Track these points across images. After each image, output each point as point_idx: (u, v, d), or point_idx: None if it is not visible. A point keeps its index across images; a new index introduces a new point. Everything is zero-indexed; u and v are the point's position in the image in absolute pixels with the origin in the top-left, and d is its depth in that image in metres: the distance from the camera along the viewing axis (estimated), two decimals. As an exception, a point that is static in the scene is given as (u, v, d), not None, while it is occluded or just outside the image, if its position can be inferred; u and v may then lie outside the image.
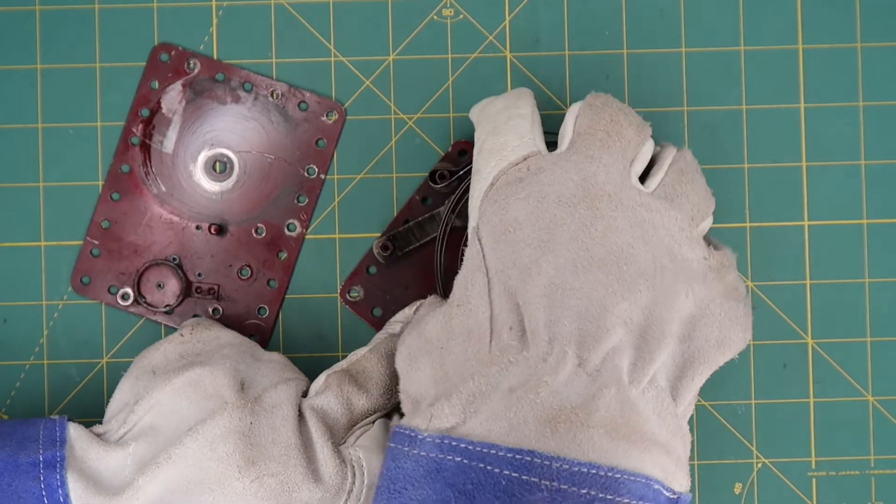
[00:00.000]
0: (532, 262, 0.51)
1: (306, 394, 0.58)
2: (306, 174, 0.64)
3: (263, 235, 0.64)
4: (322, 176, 0.65)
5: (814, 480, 0.64)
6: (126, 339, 0.64)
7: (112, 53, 0.65)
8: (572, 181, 0.53)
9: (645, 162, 0.55)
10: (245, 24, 0.65)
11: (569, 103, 0.65)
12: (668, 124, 0.65)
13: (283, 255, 0.64)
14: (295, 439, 0.55)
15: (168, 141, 0.64)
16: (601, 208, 0.52)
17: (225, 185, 0.64)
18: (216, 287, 0.64)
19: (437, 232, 0.62)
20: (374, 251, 0.63)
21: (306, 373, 0.60)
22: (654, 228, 0.53)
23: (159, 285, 0.64)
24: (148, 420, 0.56)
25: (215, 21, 0.65)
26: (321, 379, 0.58)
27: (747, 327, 0.54)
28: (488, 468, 0.49)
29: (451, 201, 0.61)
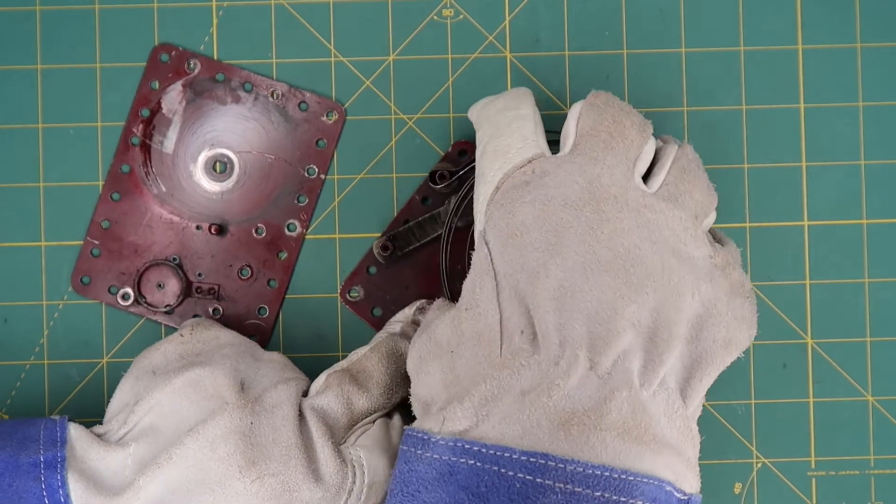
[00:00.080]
0: (540, 266, 0.51)
1: (306, 393, 0.58)
2: (306, 174, 0.64)
3: (264, 235, 0.64)
4: (322, 176, 0.65)
5: (813, 480, 0.64)
6: (126, 339, 0.64)
7: (112, 54, 0.65)
8: (577, 184, 0.53)
9: (648, 162, 0.55)
10: (245, 25, 0.65)
11: (569, 103, 0.65)
12: (668, 124, 0.65)
13: (284, 255, 0.64)
14: (295, 439, 0.55)
15: (168, 141, 0.64)
16: (607, 210, 0.52)
17: (225, 186, 0.64)
18: (216, 287, 0.64)
19: (438, 233, 0.62)
20: (375, 251, 0.63)
21: (306, 372, 0.60)
22: (659, 229, 0.53)
23: (159, 285, 0.64)
24: (148, 420, 0.56)
25: (215, 21, 0.65)
26: (321, 379, 0.58)
27: (753, 324, 0.54)
28: (502, 471, 0.49)
29: (454, 202, 0.61)
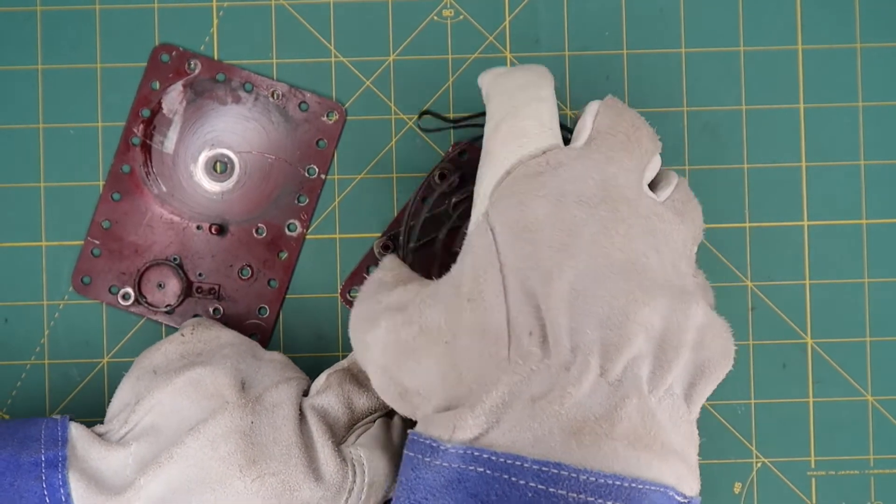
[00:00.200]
0: (554, 266, 0.50)
1: (307, 393, 0.58)
2: (307, 174, 0.65)
3: (264, 235, 0.64)
4: (322, 176, 0.65)
5: (813, 480, 0.65)
6: (127, 339, 0.64)
7: (113, 54, 0.65)
8: (593, 180, 0.52)
9: (655, 171, 0.55)
10: (245, 25, 0.65)
11: (569, 104, 0.65)
12: (668, 124, 0.65)
13: (284, 255, 0.65)
14: (296, 438, 0.55)
15: (169, 141, 0.64)
16: (621, 211, 0.51)
17: (225, 186, 0.64)
18: (217, 287, 0.64)
19: (438, 233, 0.62)
20: (375, 251, 0.63)
21: (307, 372, 0.60)
22: (666, 240, 0.52)
23: (160, 285, 0.64)
24: (149, 420, 0.56)
25: (216, 22, 0.65)
26: (322, 378, 0.58)
27: (732, 340, 0.54)
28: (513, 479, 0.48)
29: (452, 202, 0.61)
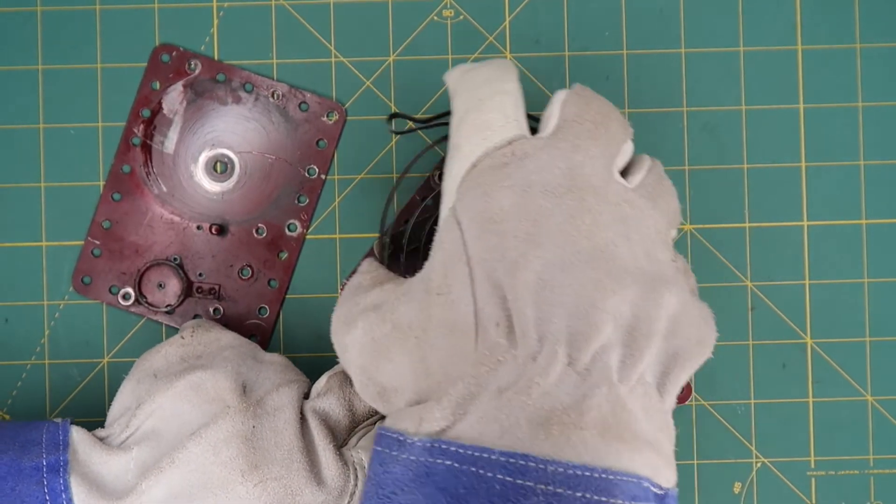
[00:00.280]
0: (520, 256, 0.50)
1: (308, 395, 0.58)
2: (307, 174, 0.65)
3: (264, 235, 0.65)
4: (323, 176, 0.65)
5: (813, 480, 0.65)
6: (127, 339, 0.64)
7: (113, 54, 0.65)
8: (558, 169, 0.51)
9: (626, 158, 0.54)
10: (246, 25, 0.65)
11: (569, 104, 0.65)
12: (668, 124, 0.65)
13: (284, 256, 0.65)
14: (297, 442, 0.55)
15: (169, 141, 0.64)
16: (588, 200, 0.51)
17: (226, 186, 0.64)
18: (217, 287, 0.64)
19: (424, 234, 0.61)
20: (375, 251, 0.63)
21: (307, 373, 0.60)
22: (637, 226, 0.52)
23: (160, 285, 0.64)
24: (150, 424, 0.56)
25: (216, 22, 0.65)
26: (322, 380, 0.58)
27: (714, 326, 0.53)
28: (481, 472, 0.48)
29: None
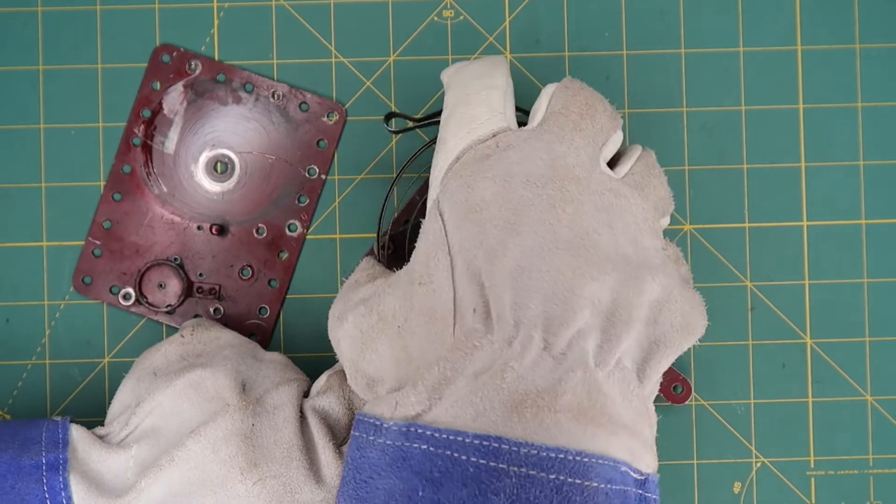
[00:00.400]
0: (498, 244, 0.50)
1: (308, 394, 0.58)
2: (307, 175, 0.65)
3: (264, 236, 0.65)
4: (323, 176, 0.65)
5: (812, 480, 0.65)
6: (128, 339, 0.64)
7: (114, 54, 0.65)
8: (541, 160, 0.52)
9: (614, 149, 0.55)
10: (246, 26, 0.65)
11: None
12: (668, 125, 0.65)
13: (284, 256, 0.65)
14: (297, 440, 0.55)
15: (169, 142, 0.64)
16: (570, 190, 0.51)
17: (226, 186, 0.65)
18: (217, 287, 0.64)
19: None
20: (375, 251, 0.63)
21: (307, 373, 0.60)
22: (621, 215, 0.52)
23: (161, 285, 0.64)
24: (150, 422, 0.56)
25: (216, 22, 0.65)
26: (322, 379, 0.58)
27: (704, 314, 0.54)
28: (455, 455, 0.48)
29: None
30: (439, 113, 0.58)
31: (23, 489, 0.54)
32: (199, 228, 0.64)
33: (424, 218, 0.62)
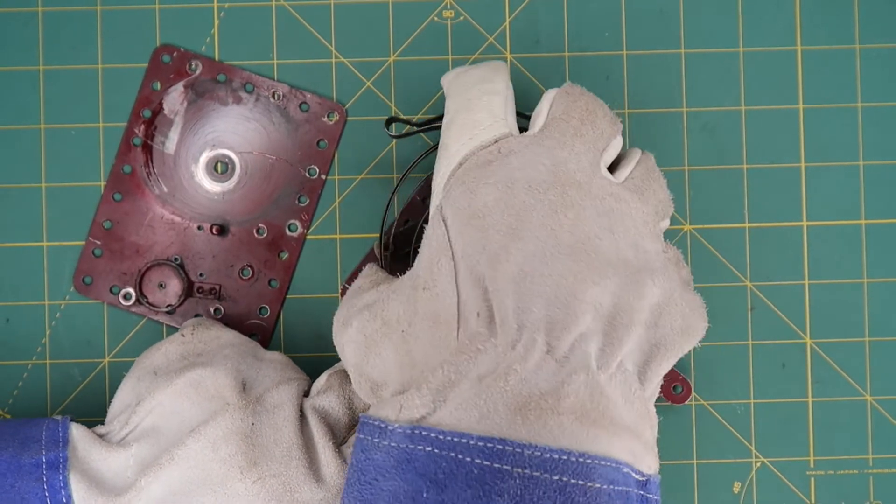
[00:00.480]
0: (501, 249, 0.51)
1: (308, 394, 0.58)
2: (307, 175, 0.65)
3: (265, 236, 0.65)
4: (323, 176, 0.65)
5: (812, 479, 0.65)
6: (128, 339, 0.65)
7: (114, 55, 0.65)
8: (543, 166, 0.52)
9: (614, 154, 0.55)
10: (246, 26, 0.65)
11: (569, 104, 0.65)
12: (668, 125, 0.65)
13: (285, 256, 0.65)
14: (297, 440, 0.55)
15: (170, 142, 0.64)
16: (571, 195, 0.52)
17: (226, 186, 0.65)
18: (218, 287, 0.64)
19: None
20: (375, 251, 0.64)
21: (307, 372, 0.60)
22: (622, 219, 0.53)
23: (161, 285, 0.64)
24: (150, 421, 0.56)
25: (217, 22, 0.65)
26: (322, 378, 0.58)
27: (705, 316, 0.54)
28: (459, 457, 0.49)
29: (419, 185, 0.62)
30: (440, 117, 0.59)
31: (23, 488, 0.54)
32: (200, 228, 0.64)
33: (424, 218, 0.62)
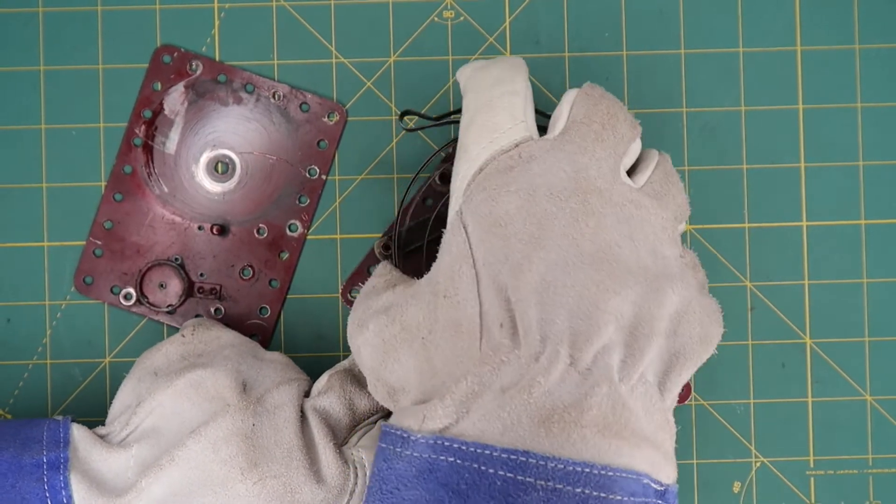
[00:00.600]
0: (523, 258, 0.51)
1: (308, 394, 0.58)
2: (308, 175, 0.65)
3: (265, 236, 0.65)
4: (323, 176, 0.65)
5: (812, 479, 0.65)
6: (129, 339, 0.65)
7: (115, 55, 0.65)
8: (564, 172, 0.52)
9: (634, 157, 0.55)
10: (247, 26, 0.65)
11: (569, 104, 0.65)
12: (668, 125, 0.65)
13: (285, 256, 0.65)
14: (297, 440, 0.55)
15: (170, 142, 0.65)
16: (592, 203, 0.52)
17: (227, 186, 0.65)
18: (218, 287, 0.64)
19: (439, 232, 0.62)
20: (376, 251, 0.64)
21: (308, 373, 0.60)
22: (641, 226, 0.52)
23: (161, 285, 0.64)
24: (150, 422, 0.56)
25: (217, 23, 0.65)
26: (323, 379, 0.58)
27: (721, 321, 0.54)
28: (482, 468, 0.49)
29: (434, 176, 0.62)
30: (455, 112, 0.58)
31: (23, 488, 0.54)
32: (200, 228, 0.64)
33: (426, 218, 0.62)
